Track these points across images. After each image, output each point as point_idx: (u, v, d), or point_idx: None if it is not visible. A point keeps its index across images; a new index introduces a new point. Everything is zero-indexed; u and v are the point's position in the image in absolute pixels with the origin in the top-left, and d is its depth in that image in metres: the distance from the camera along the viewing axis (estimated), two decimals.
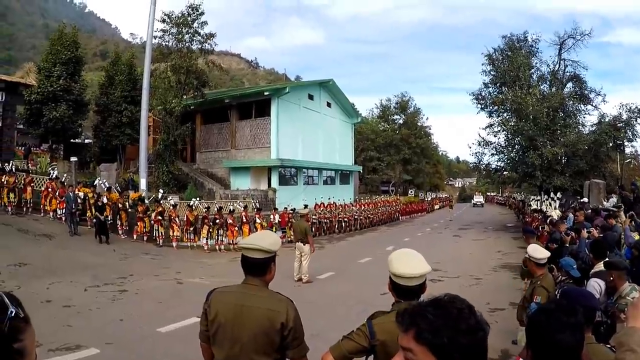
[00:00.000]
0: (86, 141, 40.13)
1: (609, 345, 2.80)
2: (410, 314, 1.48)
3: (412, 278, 2.80)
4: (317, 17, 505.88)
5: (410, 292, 2.83)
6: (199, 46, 33.82)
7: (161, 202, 23.30)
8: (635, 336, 1.77)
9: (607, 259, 5.23)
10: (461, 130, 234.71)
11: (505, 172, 38.99)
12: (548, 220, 16.76)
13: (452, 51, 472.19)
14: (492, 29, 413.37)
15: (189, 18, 32.75)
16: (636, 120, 33.11)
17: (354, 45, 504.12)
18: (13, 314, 1.12)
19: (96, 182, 24.72)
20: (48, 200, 22.12)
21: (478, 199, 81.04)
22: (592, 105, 36.02)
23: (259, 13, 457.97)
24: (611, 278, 4.83)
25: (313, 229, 28.20)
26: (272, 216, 25.28)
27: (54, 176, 23.25)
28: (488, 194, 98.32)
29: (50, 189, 22.12)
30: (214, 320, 3.00)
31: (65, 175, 24.73)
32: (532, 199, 36.86)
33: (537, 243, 9.48)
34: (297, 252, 14.63)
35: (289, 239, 23.00)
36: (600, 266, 5.74)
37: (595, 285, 5.35)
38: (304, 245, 14.56)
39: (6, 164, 22.93)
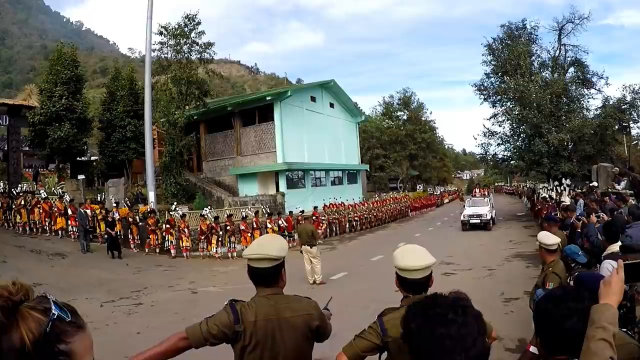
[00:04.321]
0: (92, 158, 40.23)
1: (624, 330, 2.78)
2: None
3: (417, 270, 2.84)
4: (317, 18, 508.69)
5: (417, 285, 2.88)
6: (198, 56, 33.84)
7: (171, 213, 23.38)
8: (607, 313, 1.77)
9: (623, 243, 5.19)
10: (466, 122, 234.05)
11: (512, 162, 38.86)
12: (561, 207, 16.67)
13: (453, 44, 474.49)
14: (493, 19, 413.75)
15: (185, 29, 32.77)
16: None
17: (355, 44, 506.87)
18: (56, 316, 1.22)
19: (108, 199, 24.96)
20: (50, 220, 22.33)
21: (478, 207, 31.40)
22: (595, 89, 35.93)
23: (257, 19, 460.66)
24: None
25: (325, 230, 28.29)
26: (279, 221, 25.13)
27: (44, 196, 23.40)
28: (497, 184, 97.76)
29: (54, 209, 22.30)
30: (251, 340, 2.85)
31: (66, 192, 24.89)
32: (542, 187, 36.73)
33: (559, 231, 9.46)
34: (305, 255, 14.64)
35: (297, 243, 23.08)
36: (612, 248, 5.71)
37: (609, 267, 5.31)
38: (311, 248, 14.56)
39: (20, 186, 23.22)
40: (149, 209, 23.65)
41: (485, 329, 1.71)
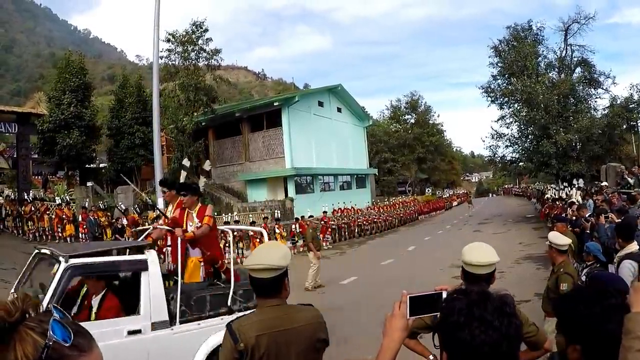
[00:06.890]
0: (101, 165, 40.41)
1: None
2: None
3: (479, 266, 3.09)
4: (323, 22, 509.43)
5: (478, 280, 3.07)
6: (206, 62, 33.98)
7: None
8: None
9: None
10: (474, 125, 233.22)
11: (520, 163, 38.75)
12: (575, 207, 16.50)
13: (461, 45, 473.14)
14: (500, 19, 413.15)
15: (193, 36, 32.92)
16: None
17: (362, 47, 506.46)
18: (52, 342, 1.11)
19: (117, 205, 25.09)
20: (62, 227, 22.44)
21: None
22: (602, 88, 35.85)
23: (264, 24, 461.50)
24: None
25: (334, 235, 28.30)
26: (292, 226, 25.13)
27: (58, 203, 23.57)
28: (506, 186, 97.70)
29: (64, 216, 22.45)
30: (253, 356, 2.63)
31: (77, 199, 25.07)
32: (550, 188, 36.58)
33: (569, 232, 9.42)
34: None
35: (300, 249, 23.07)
36: (629, 248, 5.66)
37: (630, 267, 5.28)
38: (308, 252, 14.89)
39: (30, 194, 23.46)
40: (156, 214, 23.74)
41: (519, 338, 1.65)
